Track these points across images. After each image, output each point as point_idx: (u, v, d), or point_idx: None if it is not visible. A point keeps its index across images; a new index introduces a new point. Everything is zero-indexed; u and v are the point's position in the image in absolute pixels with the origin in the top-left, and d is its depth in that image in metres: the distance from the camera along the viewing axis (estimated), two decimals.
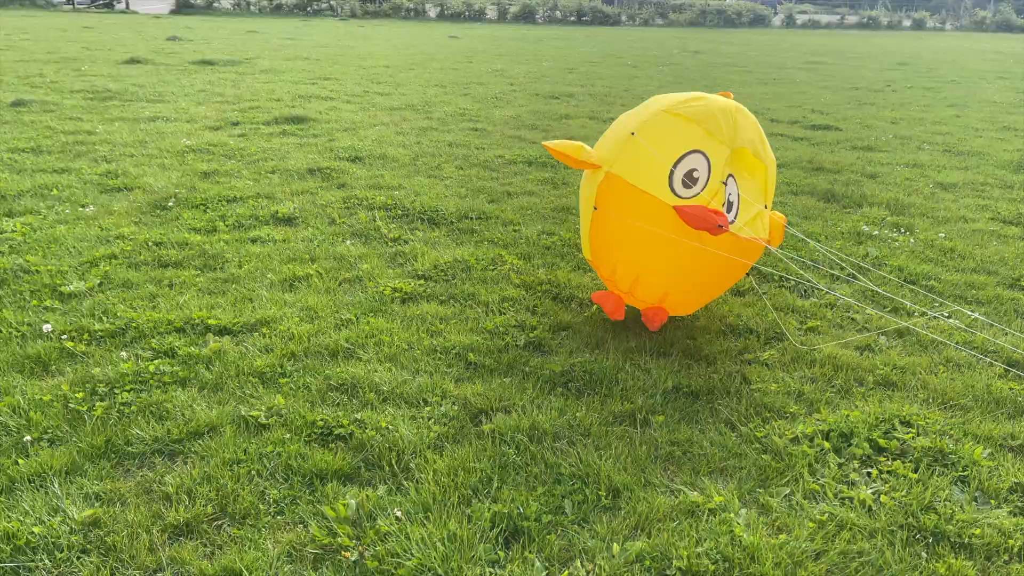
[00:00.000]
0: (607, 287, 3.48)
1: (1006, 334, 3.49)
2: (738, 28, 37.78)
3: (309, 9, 34.19)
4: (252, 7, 33.73)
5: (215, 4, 33.16)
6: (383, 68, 13.78)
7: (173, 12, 30.71)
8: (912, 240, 4.78)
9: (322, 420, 2.66)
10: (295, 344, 3.21)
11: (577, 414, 2.77)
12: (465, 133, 7.99)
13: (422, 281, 3.96)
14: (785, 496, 2.40)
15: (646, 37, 27.76)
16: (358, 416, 2.70)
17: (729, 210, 3.21)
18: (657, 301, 3.38)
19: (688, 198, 3.11)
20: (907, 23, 42.65)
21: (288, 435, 2.59)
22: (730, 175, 3.24)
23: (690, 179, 3.13)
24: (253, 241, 4.47)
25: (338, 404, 2.80)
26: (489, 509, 2.25)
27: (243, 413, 2.70)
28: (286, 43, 18.63)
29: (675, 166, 3.11)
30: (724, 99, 3.34)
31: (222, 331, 3.33)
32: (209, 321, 3.37)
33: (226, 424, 2.64)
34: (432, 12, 36.08)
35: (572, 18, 37.37)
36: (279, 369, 3.02)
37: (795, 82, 13.92)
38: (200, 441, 2.56)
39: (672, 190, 3.11)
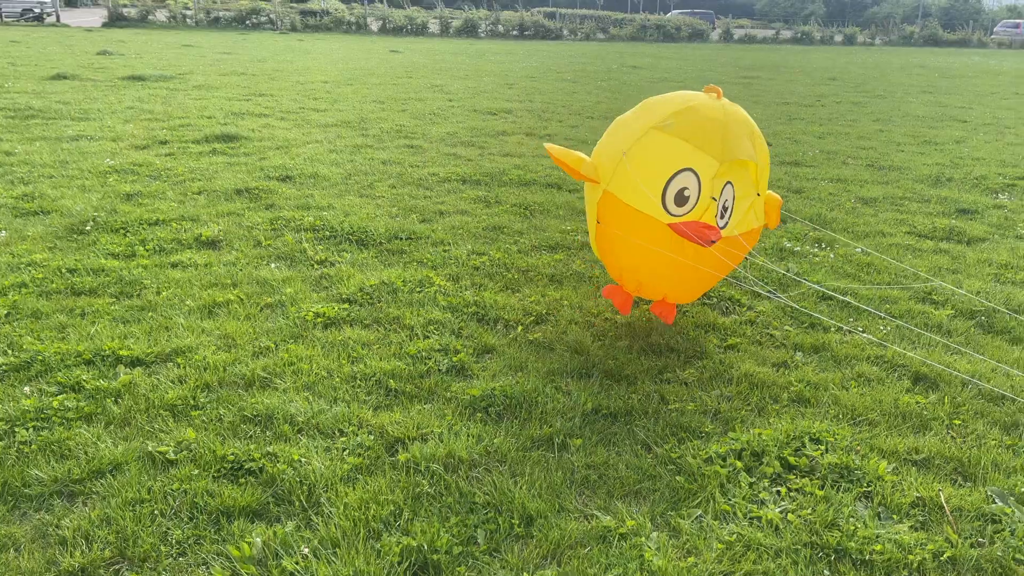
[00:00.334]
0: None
1: (915, 348, 3.61)
2: (677, 42, 38.54)
3: (248, 22, 33.78)
4: (189, 20, 33.18)
5: (150, 17, 32.52)
6: (321, 84, 13.67)
7: (106, 25, 30.01)
8: (832, 255, 4.91)
9: (233, 454, 2.61)
10: (210, 374, 3.15)
11: (495, 440, 2.77)
12: (400, 150, 7.97)
13: (346, 305, 3.92)
14: (696, 518, 2.43)
15: (587, 52, 28.11)
16: (270, 449, 2.65)
17: (723, 216, 3.35)
18: (661, 297, 3.62)
19: (681, 215, 3.27)
20: (839, 38, 44.06)
21: (196, 471, 2.53)
22: (726, 183, 3.34)
23: (681, 197, 3.26)
24: (174, 266, 4.38)
25: (251, 437, 2.74)
26: (399, 543, 2.23)
27: (150, 449, 2.63)
28: (222, 57, 18.35)
29: (667, 185, 3.24)
30: (712, 105, 3.40)
31: (134, 362, 3.24)
32: (121, 352, 3.28)
33: (131, 461, 2.57)
34: (374, 26, 35.98)
35: (515, 32, 37.67)
36: (192, 401, 2.95)
37: (730, 97, 14.20)
38: (102, 480, 2.48)
39: (665, 208, 3.27)
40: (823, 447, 2.77)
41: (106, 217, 5.12)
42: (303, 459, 2.60)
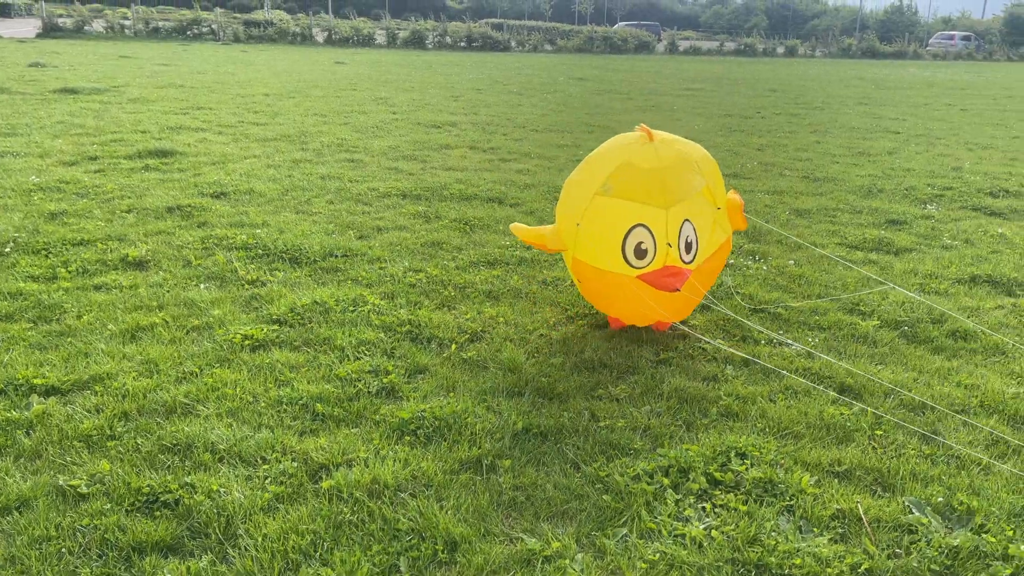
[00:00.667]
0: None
1: (842, 359, 3.69)
2: (624, 54, 39.07)
3: (189, 33, 33.24)
4: (127, 30, 32.51)
5: (86, 28, 31.77)
6: (262, 96, 13.51)
7: (40, 36, 29.22)
8: (765, 268, 5.01)
9: (148, 486, 2.54)
10: (129, 402, 3.06)
11: (422, 464, 2.75)
12: (340, 165, 7.90)
13: (276, 326, 3.86)
14: (621, 537, 2.44)
15: (534, 64, 28.31)
16: (188, 479, 2.58)
17: (689, 251, 3.56)
18: (657, 321, 3.89)
19: (645, 267, 3.50)
20: (781, 50, 45.17)
21: (109, 505, 2.45)
22: (684, 221, 3.52)
23: (640, 251, 3.49)
24: (97, 288, 4.26)
25: (168, 467, 2.67)
26: (318, 574, 2.19)
27: (61, 483, 2.54)
28: (161, 69, 18.01)
29: (623, 244, 3.48)
30: (645, 154, 3.53)
31: (49, 391, 3.14)
32: (35, 381, 3.17)
33: (40, 496, 2.48)
34: (320, 37, 35.73)
35: (462, 44, 37.76)
36: (108, 431, 2.86)
37: (672, 109, 14.47)
38: (8, 517, 2.39)
39: (629, 264, 3.50)
40: (749, 462, 2.81)
41: (27, 238, 4.97)
42: (222, 489, 2.54)
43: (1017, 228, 6.18)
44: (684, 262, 3.53)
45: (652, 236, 3.47)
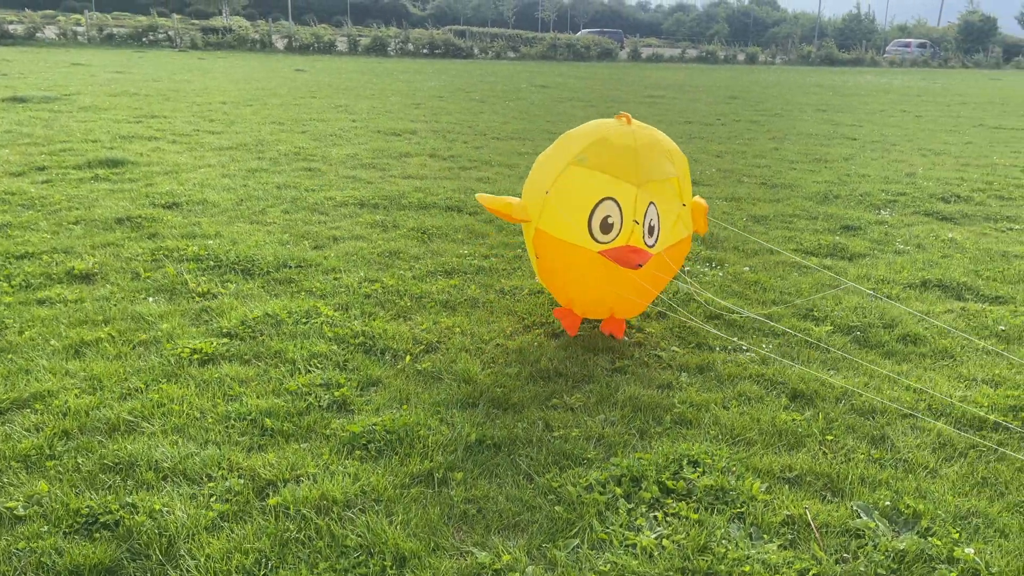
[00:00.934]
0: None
1: (794, 365, 3.74)
2: (587, 61, 39.35)
3: (145, 40, 32.78)
4: (80, 37, 31.96)
5: (38, 34, 31.17)
6: (219, 104, 13.35)
7: None
8: (721, 274, 5.06)
9: (88, 507, 2.48)
10: (70, 420, 2.99)
11: (372, 478, 2.72)
12: (297, 174, 7.83)
13: (226, 340, 3.80)
14: (573, 548, 2.44)
15: (497, 71, 28.38)
16: (130, 499, 2.53)
17: (651, 234, 3.56)
18: (608, 316, 3.93)
19: (609, 242, 3.50)
20: (741, 57, 45.82)
21: (46, 527, 2.39)
22: (649, 203, 3.54)
23: (606, 225, 3.50)
24: (40, 303, 4.16)
25: (110, 487, 2.62)
26: None
27: None
28: (114, 77, 17.73)
29: (591, 216, 3.49)
30: (623, 132, 3.63)
31: None
32: None
33: None
34: (280, 44, 35.45)
35: (424, 51, 37.73)
36: (47, 451, 2.79)
37: (634, 116, 14.56)
38: None
39: (593, 238, 3.51)
40: (701, 469, 2.83)
41: None
42: (165, 508, 2.49)
43: (967, 233, 6.33)
44: (647, 244, 3.54)
45: (620, 211, 3.48)
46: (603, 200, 3.48)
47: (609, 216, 3.49)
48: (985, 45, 55.79)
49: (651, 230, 3.57)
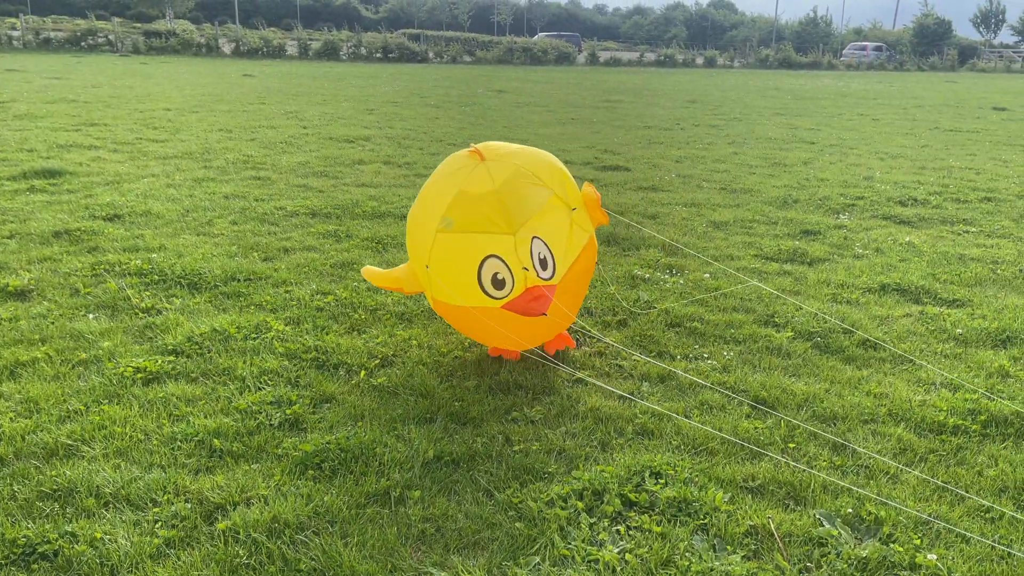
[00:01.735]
0: None
1: (756, 372, 3.79)
2: (544, 65, 39.60)
3: (84, 44, 32.17)
4: (16, 42, 31.24)
5: None
6: (162, 111, 13.16)
7: None
8: (681, 281, 5.12)
9: (24, 537, 2.41)
10: (4, 446, 2.91)
11: (326, 499, 2.69)
12: (246, 183, 7.75)
13: (172, 357, 3.74)
14: (534, 566, 2.43)
15: (452, 75, 28.40)
16: (69, 528, 2.46)
17: (545, 267, 3.44)
18: (543, 343, 3.87)
19: (506, 296, 3.40)
20: (700, 61, 46.52)
21: None
22: (532, 239, 3.41)
23: (497, 282, 3.38)
24: None
25: (47, 515, 2.55)
26: None
27: None
28: (51, 83, 17.36)
29: (479, 278, 3.38)
30: (479, 177, 3.43)
31: None
32: None
33: None
34: (227, 48, 35.05)
35: (378, 55, 37.62)
36: None
37: (592, 122, 14.71)
38: None
39: (491, 296, 3.40)
40: (664, 481, 2.85)
41: None
42: (106, 536, 2.43)
43: (925, 236, 6.50)
44: (544, 280, 3.43)
45: (506, 264, 3.36)
46: (485, 259, 3.35)
47: (497, 272, 3.37)
48: (940, 48, 57.46)
49: (543, 263, 3.44)
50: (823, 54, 51.59)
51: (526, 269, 3.37)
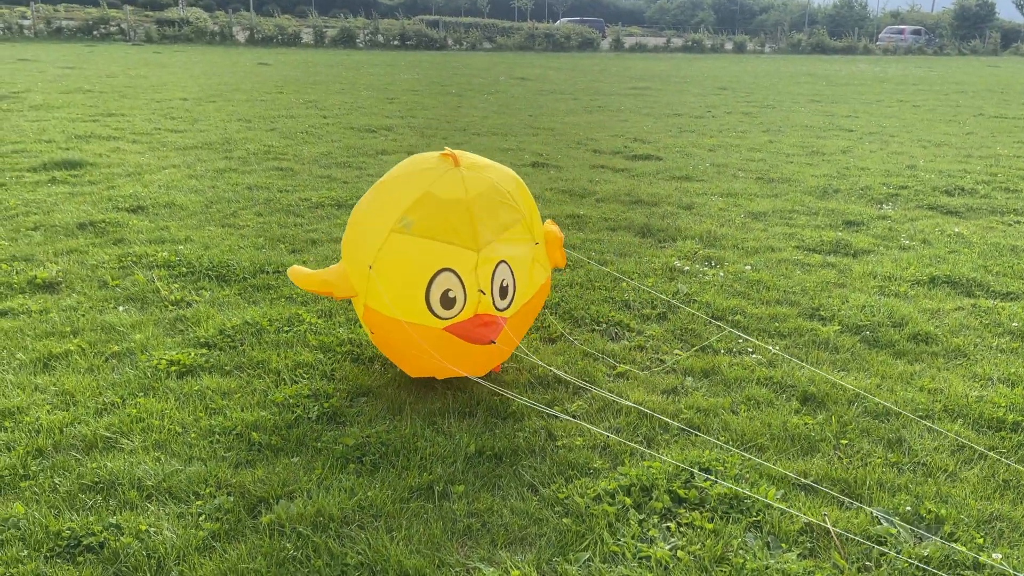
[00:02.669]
0: None
1: (803, 367, 3.79)
2: (567, 52, 39.51)
3: (96, 33, 32.51)
4: (26, 31, 31.62)
5: None
6: (179, 101, 13.29)
7: None
8: (722, 273, 5.12)
9: (69, 529, 2.47)
10: (44, 438, 2.98)
11: (370, 493, 2.73)
12: (268, 174, 7.82)
13: (204, 350, 3.80)
14: (584, 562, 2.46)
15: (473, 63, 28.42)
16: (114, 520, 2.52)
17: (504, 296, 3.25)
18: (486, 371, 3.54)
19: (453, 317, 3.13)
20: (729, 46, 46.22)
21: (26, 552, 2.38)
22: (498, 263, 3.21)
23: (447, 300, 3.12)
24: (3, 314, 4.14)
25: (91, 508, 2.61)
26: None
27: None
28: (65, 73, 17.57)
29: (428, 292, 3.10)
30: (451, 181, 3.20)
31: None
32: None
33: None
34: (241, 36, 35.28)
35: (395, 42, 37.70)
36: (20, 470, 2.78)
37: (619, 109, 14.69)
38: None
39: (435, 314, 3.12)
40: (713, 477, 2.87)
41: None
42: (152, 529, 2.49)
43: (974, 227, 6.45)
44: (498, 309, 3.21)
45: (461, 282, 3.11)
46: (439, 272, 3.09)
47: (449, 290, 3.11)
48: (982, 31, 56.70)
49: (504, 292, 3.24)
50: (858, 38, 51.08)
51: (482, 292, 3.14)
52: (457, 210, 3.14)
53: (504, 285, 3.25)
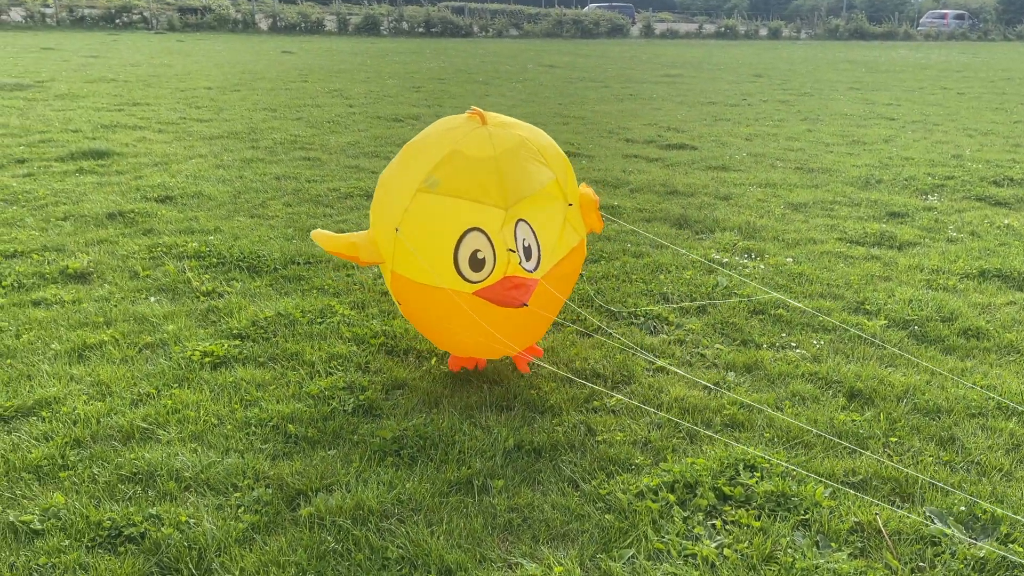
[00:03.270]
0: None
1: (850, 362, 3.76)
2: (596, 39, 39.35)
3: (118, 21, 32.87)
4: (49, 20, 32.05)
5: (3, 17, 31.28)
6: (204, 90, 13.41)
7: None
8: (762, 266, 5.09)
9: (110, 520, 2.52)
10: (81, 428, 3.03)
11: (408, 486, 2.76)
12: (296, 163, 7.88)
13: (237, 341, 3.84)
14: (628, 559, 2.47)
15: (499, 50, 28.40)
16: (153, 511, 2.57)
17: (529, 256, 3.16)
18: (514, 354, 3.50)
19: (483, 280, 3.07)
20: (763, 32, 45.78)
21: (67, 542, 2.43)
22: (518, 221, 3.14)
23: (476, 261, 3.06)
24: (36, 304, 4.21)
25: (130, 498, 2.66)
26: None
27: (12, 519, 2.52)
28: (89, 62, 17.80)
29: (456, 253, 3.05)
30: (478, 139, 3.16)
31: None
32: None
33: None
34: (263, 24, 35.51)
35: (420, 29, 37.76)
36: (60, 461, 2.84)
37: (652, 97, 14.62)
38: None
39: (464, 277, 3.07)
40: (759, 474, 2.86)
41: None
42: (192, 520, 2.53)
43: None
44: (526, 270, 3.10)
45: (490, 242, 3.04)
46: (467, 232, 3.03)
47: (479, 251, 3.04)
48: None
49: (527, 252, 3.15)
50: (899, 23, 50.38)
51: (512, 251, 3.06)
52: (485, 167, 3.10)
53: (526, 245, 3.15)
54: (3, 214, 5.72)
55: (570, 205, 3.42)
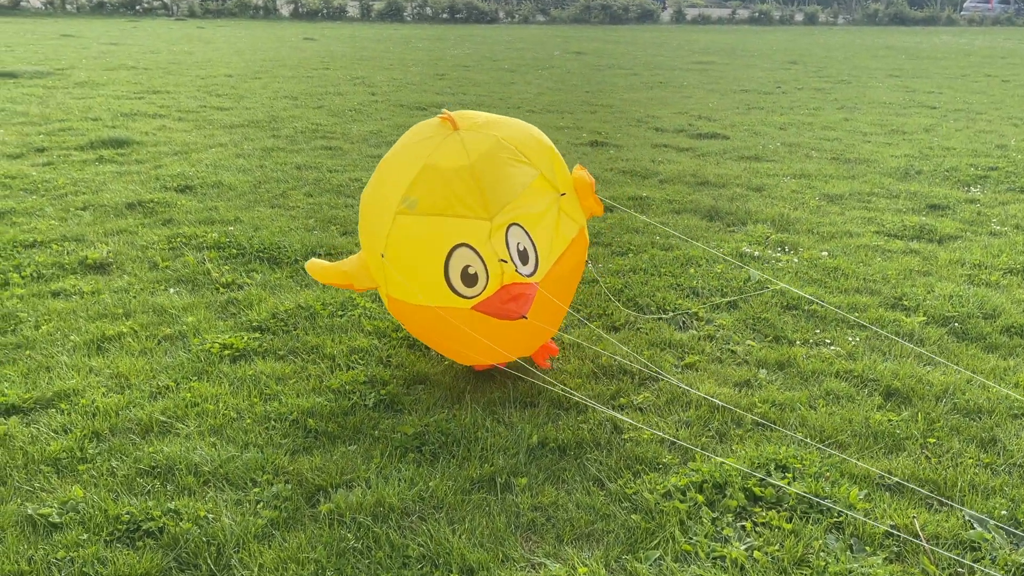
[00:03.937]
0: None
1: (886, 359, 3.72)
2: (625, 24, 39.13)
3: (138, 8, 33.14)
4: (69, 6, 32.42)
5: (23, 3, 31.67)
6: (224, 78, 13.50)
7: None
8: (796, 260, 5.04)
9: (128, 514, 2.55)
10: (100, 421, 3.07)
11: (430, 483, 2.77)
12: (317, 153, 7.92)
13: (257, 334, 3.87)
14: (655, 560, 2.46)
15: (525, 36, 28.34)
16: (172, 505, 2.60)
17: (525, 261, 3.10)
18: (530, 352, 3.50)
19: (479, 294, 3.04)
20: (799, 17, 45.29)
21: (85, 535, 2.47)
22: (509, 226, 3.08)
23: (468, 276, 3.03)
24: (55, 295, 4.27)
25: (149, 492, 2.69)
26: None
27: (30, 512, 2.56)
28: (109, 49, 17.98)
29: (446, 273, 3.02)
30: (451, 148, 3.12)
31: (10, 410, 3.15)
32: None
33: (8, 527, 2.49)
34: (285, 10, 35.66)
35: (444, 15, 37.75)
36: (78, 453, 2.88)
37: (683, 85, 14.52)
38: None
39: (459, 294, 3.04)
40: (790, 475, 2.84)
41: None
42: (210, 515, 2.56)
43: None
44: (523, 276, 3.05)
45: (479, 256, 3.00)
46: (455, 248, 2.99)
47: (469, 266, 3.00)
48: None
49: (523, 256, 3.09)
50: (941, 8, 49.62)
51: (504, 261, 3.01)
52: (461, 178, 3.04)
53: (521, 249, 3.09)
54: (23, 203, 5.80)
55: (562, 195, 3.35)
